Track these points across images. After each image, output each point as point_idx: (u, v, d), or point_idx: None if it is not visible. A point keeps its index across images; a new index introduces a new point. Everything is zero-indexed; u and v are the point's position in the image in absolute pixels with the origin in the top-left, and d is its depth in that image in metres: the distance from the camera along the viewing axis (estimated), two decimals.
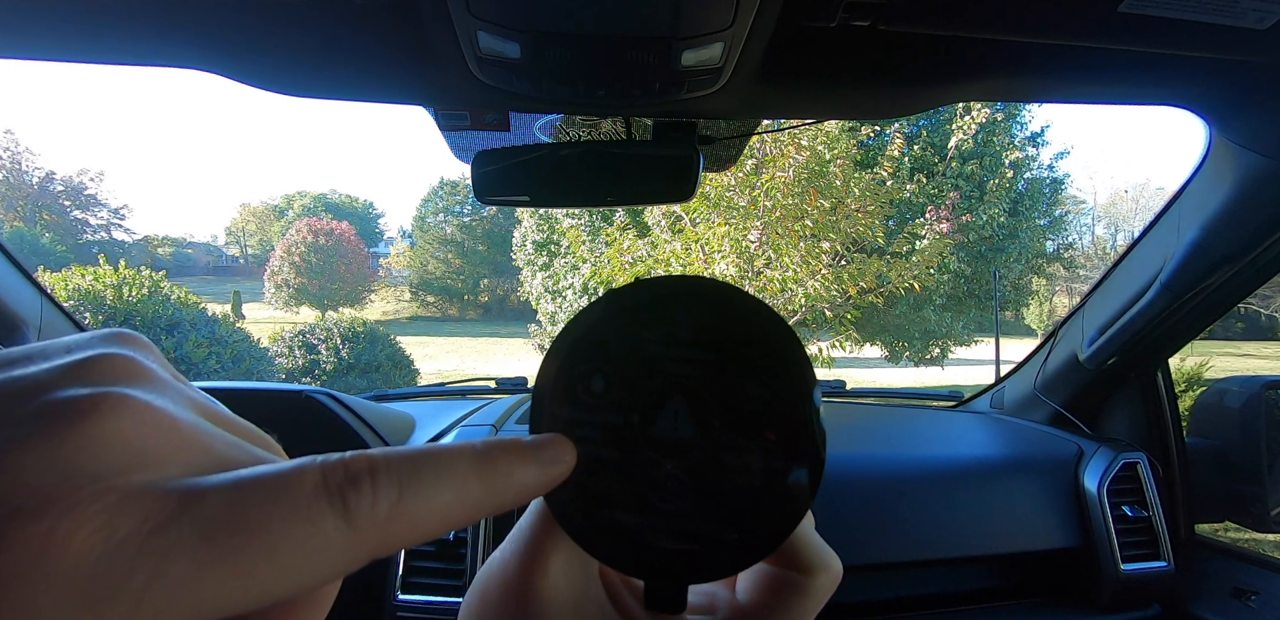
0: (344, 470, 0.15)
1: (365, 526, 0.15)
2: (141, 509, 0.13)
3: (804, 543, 0.22)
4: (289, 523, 0.14)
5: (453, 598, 0.90)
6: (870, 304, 6.83)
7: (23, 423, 0.13)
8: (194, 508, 0.13)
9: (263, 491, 0.14)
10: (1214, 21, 0.52)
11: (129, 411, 0.14)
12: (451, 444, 0.17)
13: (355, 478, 0.15)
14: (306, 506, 0.14)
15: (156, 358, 0.17)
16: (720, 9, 0.46)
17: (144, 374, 0.16)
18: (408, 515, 0.15)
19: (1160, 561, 1.01)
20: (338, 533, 0.14)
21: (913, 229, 7.29)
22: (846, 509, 0.98)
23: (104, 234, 29.54)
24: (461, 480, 0.16)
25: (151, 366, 0.16)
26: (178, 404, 0.16)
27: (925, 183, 9.63)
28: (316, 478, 0.15)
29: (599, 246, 7.45)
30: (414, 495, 0.15)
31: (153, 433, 0.14)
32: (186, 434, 0.15)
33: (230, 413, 0.18)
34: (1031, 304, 16.60)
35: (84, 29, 0.57)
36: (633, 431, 0.20)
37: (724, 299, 0.20)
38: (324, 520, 0.14)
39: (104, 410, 0.14)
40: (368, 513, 0.15)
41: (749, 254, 6.08)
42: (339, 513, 0.14)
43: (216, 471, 0.15)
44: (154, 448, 0.14)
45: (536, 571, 0.20)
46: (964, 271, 10.05)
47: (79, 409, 0.14)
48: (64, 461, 0.13)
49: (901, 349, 10.07)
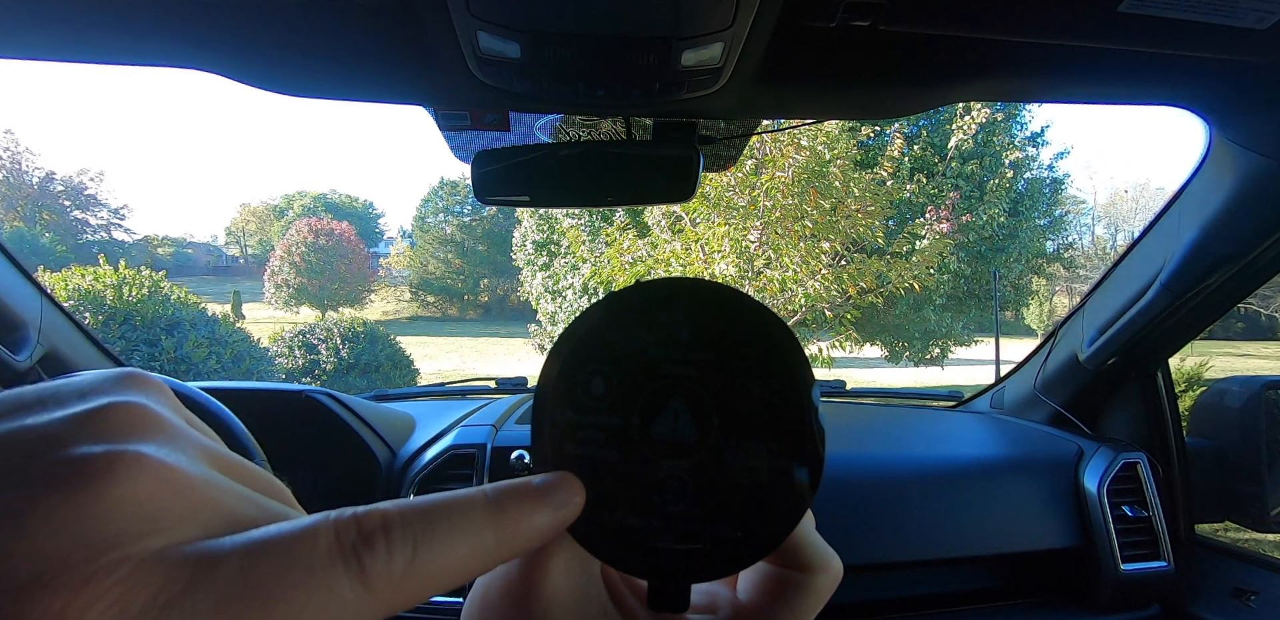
0: (357, 529, 0.15)
1: (381, 587, 0.14)
2: (157, 579, 0.13)
3: (804, 542, 0.22)
4: (305, 588, 0.14)
5: (454, 598, 0.90)
6: (870, 304, 6.82)
7: (37, 483, 0.13)
8: (209, 576, 0.13)
9: (277, 555, 0.14)
10: (1214, 21, 0.52)
11: (144, 472, 0.14)
12: (462, 494, 0.17)
13: (369, 537, 0.15)
14: (322, 570, 0.14)
15: (169, 402, 0.17)
16: (720, 9, 0.46)
17: (157, 425, 0.16)
18: (423, 571, 0.15)
19: (1160, 561, 1.01)
20: (354, 595, 0.14)
21: (913, 229, 7.29)
22: (846, 509, 0.98)
23: (104, 234, 29.52)
24: (475, 531, 0.16)
25: (163, 414, 0.16)
26: (191, 458, 0.16)
27: (925, 183, 9.62)
28: (330, 538, 0.14)
29: (599, 246, 7.45)
30: (428, 552, 0.15)
31: (167, 493, 0.14)
32: (200, 493, 0.15)
33: (240, 458, 0.18)
34: (1031, 304, 16.59)
35: (84, 29, 0.57)
36: (633, 433, 0.20)
37: (723, 300, 0.20)
38: (340, 583, 0.14)
39: (119, 471, 0.14)
40: (383, 573, 0.15)
41: (749, 254, 6.08)
42: (355, 574, 0.14)
43: (230, 531, 0.14)
44: (168, 510, 0.14)
45: (538, 572, 0.20)
46: (964, 271, 10.05)
47: (94, 469, 0.13)
48: (78, 527, 0.13)
49: (901, 349, 10.07)
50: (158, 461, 0.14)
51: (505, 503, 0.17)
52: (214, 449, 0.17)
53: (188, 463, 0.15)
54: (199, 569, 0.13)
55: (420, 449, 1.11)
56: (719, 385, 0.19)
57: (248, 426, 0.87)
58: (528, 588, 0.20)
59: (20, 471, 0.13)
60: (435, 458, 1.04)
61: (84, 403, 0.15)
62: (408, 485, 1.04)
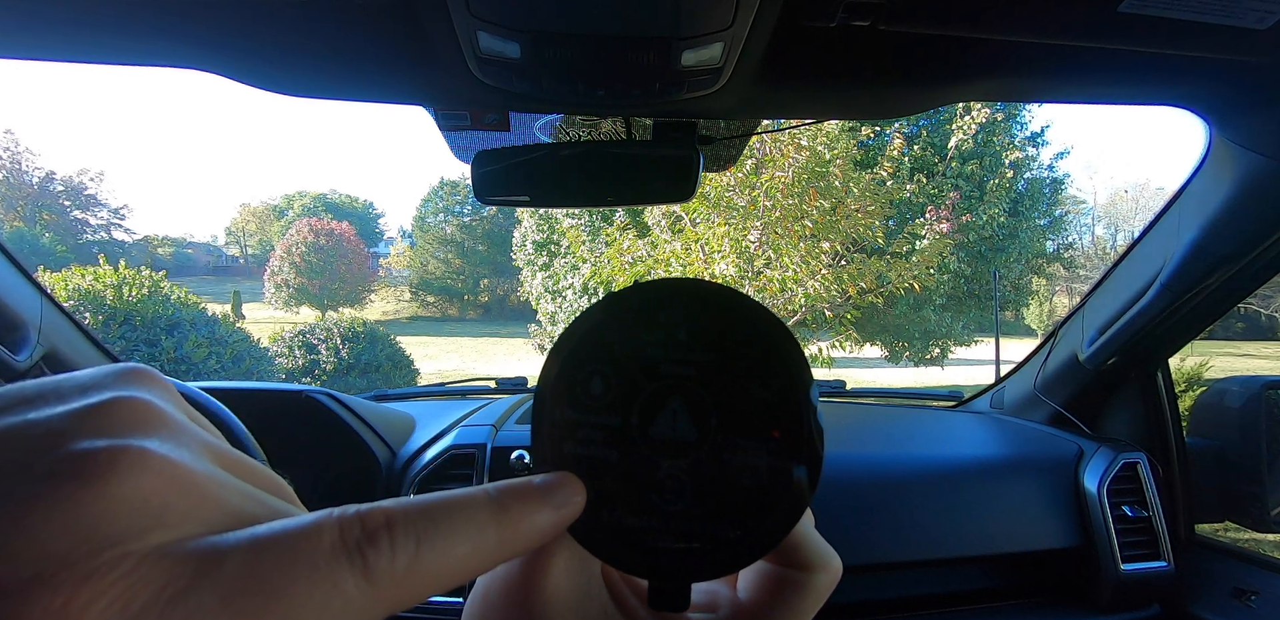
0: (361, 525, 0.15)
1: (384, 583, 0.15)
2: (161, 575, 0.13)
3: (804, 541, 0.22)
4: (308, 583, 0.14)
5: (454, 598, 0.90)
6: (870, 304, 6.82)
7: (39, 479, 0.13)
8: (213, 571, 0.13)
9: (281, 551, 0.14)
10: (1214, 21, 0.52)
11: (147, 468, 0.14)
12: (465, 493, 0.17)
13: (373, 534, 0.15)
14: (326, 566, 0.14)
15: (171, 397, 0.17)
16: (720, 9, 0.46)
17: (160, 420, 0.16)
18: (426, 569, 0.15)
19: (1160, 561, 1.01)
20: (357, 591, 0.14)
21: (913, 229, 7.29)
22: (847, 509, 0.98)
23: (104, 234, 29.52)
24: (478, 530, 0.16)
25: (166, 409, 0.16)
26: (194, 454, 0.16)
27: (925, 183, 9.62)
28: (334, 535, 0.14)
29: (599, 246, 7.44)
30: (431, 550, 0.15)
31: (170, 489, 0.14)
32: (203, 489, 0.15)
33: (242, 455, 0.18)
34: (1031, 304, 16.59)
35: (84, 29, 0.57)
36: (633, 432, 0.20)
37: (721, 300, 0.20)
38: (344, 579, 0.14)
39: (122, 467, 0.13)
40: (387, 569, 0.15)
41: (749, 254, 6.08)
42: (358, 571, 0.14)
43: (233, 527, 0.14)
44: (171, 505, 0.14)
45: (538, 572, 0.20)
46: (964, 271, 10.04)
47: (97, 465, 0.13)
48: (81, 523, 0.13)
49: (901, 349, 10.07)
50: (161, 457, 0.14)
51: (507, 502, 0.17)
52: (217, 445, 0.17)
53: (191, 458, 0.15)
54: (203, 564, 0.13)
55: (420, 449, 1.11)
56: (718, 385, 0.20)
57: (248, 426, 0.87)
58: (529, 587, 0.20)
59: (22, 467, 0.13)
60: (435, 458, 1.04)
61: (85, 397, 0.15)
62: (408, 485, 1.04)
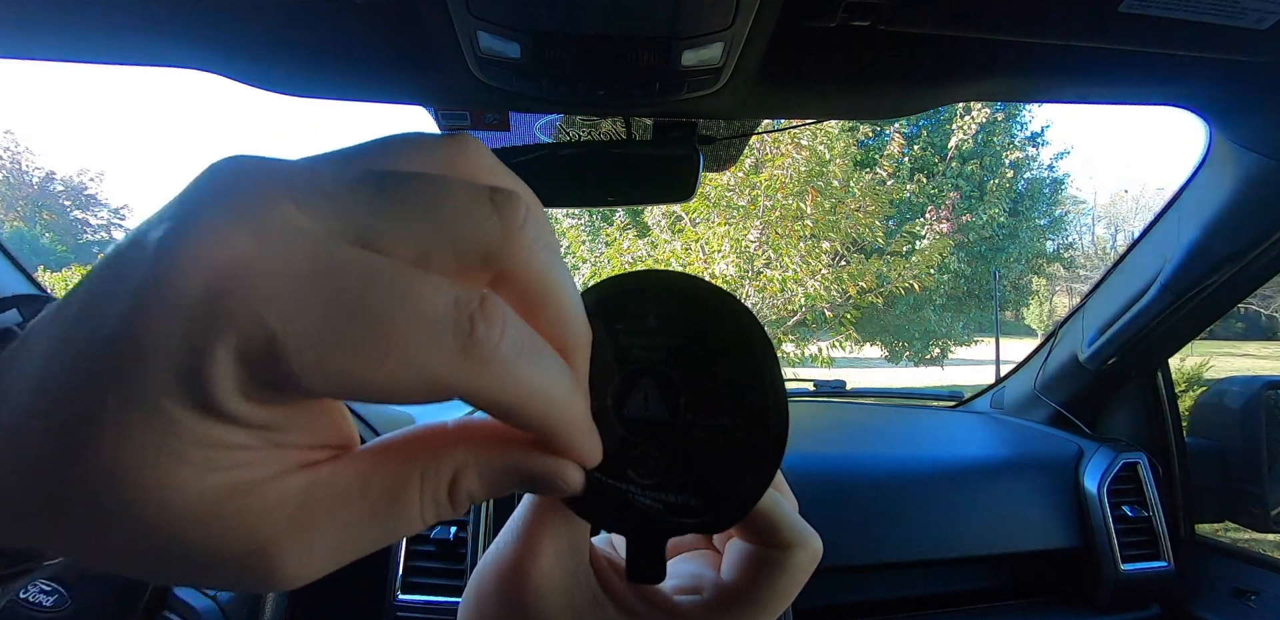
0: (480, 302, 0.14)
1: (477, 358, 0.14)
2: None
3: (782, 521, 0.23)
4: (410, 323, 0.13)
5: (453, 598, 0.90)
6: (870, 304, 6.83)
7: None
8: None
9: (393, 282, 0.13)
10: (1214, 21, 0.52)
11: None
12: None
13: (490, 314, 0.14)
14: (434, 309, 0.13)
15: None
16: (720, 9, 0.46)
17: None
18: (513, 374, 0.14)
19: (1160, 561, 1.02)
20: (446, 353, 0.13)
21: (912, 229, 7.32)
22: (847, 509, 0.98)
23: (104, 234, 29.50)
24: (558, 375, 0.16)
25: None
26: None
27: (925, 183, 9.64)
28: (450, 297, 0.14)
29: (599, 246, 7.44)
30: (527, 364, 0.15)
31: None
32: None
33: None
34: (1031, 304, 16.61)
35: (84, 29, 0.57)
36: (609, 414, 0.21)
37: (690, 290, 0.22)
38: (444, 332, 0.13)
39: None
40: (487, 348, 0.14)
41: (749, 254, 6.08)
42: (463, 332, 0.13)
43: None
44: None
45: (530, 558, 0.22)
46: (964, 271, 10.06)
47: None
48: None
49: (901, 349, 10.07)
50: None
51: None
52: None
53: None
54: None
55: None
56: (686, 367, 0.21)
57: None
58: (520, 575, 0.22)
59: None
60: None
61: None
62: None
